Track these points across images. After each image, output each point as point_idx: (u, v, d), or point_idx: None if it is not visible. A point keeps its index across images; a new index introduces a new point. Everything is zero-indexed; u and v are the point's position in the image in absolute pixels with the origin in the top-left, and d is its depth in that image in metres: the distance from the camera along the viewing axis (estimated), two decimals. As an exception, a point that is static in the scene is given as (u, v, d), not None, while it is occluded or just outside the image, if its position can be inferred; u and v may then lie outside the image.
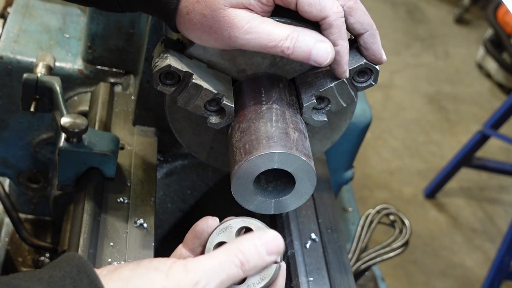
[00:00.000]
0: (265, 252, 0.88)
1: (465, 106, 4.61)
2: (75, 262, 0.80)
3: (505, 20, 4.42)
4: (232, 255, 0.87)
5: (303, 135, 1.06)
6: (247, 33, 0.99)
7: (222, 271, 0.85)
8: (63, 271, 0.79)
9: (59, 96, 1.36)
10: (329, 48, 1.01)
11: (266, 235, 0.89)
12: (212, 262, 0.86)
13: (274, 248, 0.89)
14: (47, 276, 0.78)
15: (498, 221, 3.83)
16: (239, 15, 0.99)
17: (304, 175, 1.02)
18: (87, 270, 0.80)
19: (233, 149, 1.04)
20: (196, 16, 1.01)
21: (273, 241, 0.89)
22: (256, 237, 0.89)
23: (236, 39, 0.99)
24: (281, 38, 0.99)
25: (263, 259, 0.88)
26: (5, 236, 1.68)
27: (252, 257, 0.88)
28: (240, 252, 0.87)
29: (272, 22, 1.01)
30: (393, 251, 1.52)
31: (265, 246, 0.89)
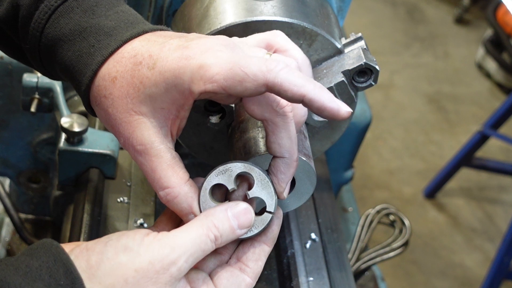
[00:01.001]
0: (236, 226, 0.89)
1: (465, 106, 4.61)
2: (52, 251, 0.79)
3: (505, 20, 4.42)
4: (207, 229, 0.86)
5: (303, 135, 1.06)
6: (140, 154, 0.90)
7: (199, 246, 0.85)
8: (40, 260, 0.78)
9: (59, 96, 1.36)
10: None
11: (238, 208, 0.90)
12: (188, 237, 0.84)
13: (246, 222, 0.90)
14: (23, 265, 0.77)
15: (498, 221, 3.84)
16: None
17: (304, 175, 1.02)
18: (63, 259, 0.79)
19: (233, 149, 1.04)
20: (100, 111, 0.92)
21: (245, 215, 0.90)
22: (228, 209, 0.89)
23: (134, 156, 0.91)
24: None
25: (234, 233, 0.89)
26: (6, 236, 1.68)
27: (225, 231, 0.88)
28: (214, 226, 0.87)
29: (170, 165, 0.93)
30: (393, 251, 1.52)
31: (237, 219, 0.89)
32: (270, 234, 0.95)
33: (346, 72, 1.07)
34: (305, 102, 0.86)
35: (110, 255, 0.81)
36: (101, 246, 0.82)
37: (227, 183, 0.94)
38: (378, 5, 5.22)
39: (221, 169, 0.94)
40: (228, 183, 0.94)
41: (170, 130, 0.93)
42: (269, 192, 0.95)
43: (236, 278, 0.90)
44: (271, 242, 0.95)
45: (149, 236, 0.84)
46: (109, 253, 0.81)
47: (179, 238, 0.84)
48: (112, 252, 0.81)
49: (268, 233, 0.95)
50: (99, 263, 0.80)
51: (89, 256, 0.81)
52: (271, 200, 0.95)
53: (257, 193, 0.95)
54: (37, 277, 0.77)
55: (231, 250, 0.95)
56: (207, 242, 0.85)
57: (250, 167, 0.94)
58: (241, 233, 0.90)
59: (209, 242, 0.86)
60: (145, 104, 0.88)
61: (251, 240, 0.94)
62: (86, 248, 0.82)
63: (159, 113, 0.89)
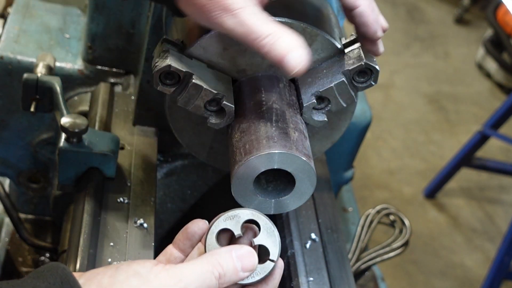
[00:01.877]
0: (240, 268, 0.93)
1: (465, 106, 4.61)
2: (59, 273, 0.81)
3: (505, 20, 4.42)
4: (212, 266, 0.90)
5: (303, 135, 1.06)
6: (234, 19, 0.97)
7: (203, 281, 0.89)
8: (47, 282, 0.79)
9: (59, 96, 1.36)
10: (303, 57, 0.97)
11: (242, 250, 0.94)
12: (194, 271, 0.88)
13: (249, 265, 0.93)
14: (30, 287, 0.78)
15: (498, 221, 3.83)
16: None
17: (304, 175, 1.02)
18: (70, 282, 0.80)
19: (233, 149, 1.04)
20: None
21: (248, 258, 0.94)
22: (233, 251, 0.93)
23: (223, 23, 0.97)
24: (261, 34, 0.97)
25: (237, 274, 0.92)
26: (5, 236, 1.68)
27: (229, 271, 0.91)
28: (219, 265, 0.90)
29: (263, 16, 0.98)
30: (393, 251, 1.52)
31: (241, 261, 0.93)
32: (271, 283, 0.98)
33: (346, 72, 1.07)
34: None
35: (122, 279, 0.84)
36: (112, 270, 0.85)
37: (234, 228, 0.99)
38: (378, 5, 5.20)
39: (230, 215, 0.99)
40: (235, 229, 0.99)
41: None
42: (274, 241, 0.98)
43: None
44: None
45: (158, 266, 0.88)
46: (120, 277, 0.84)
47: (186, 270, 0.88)
48: (124, 276, 0.84)
49: (269, 282, 0.98)
50: (111, 285, 0.83)
51: (101, 279, 0.83)
52: (274, 249, 0.98)
53: (262, 241, 0.98)
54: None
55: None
56: (211, 279, 0.89)
57: (258, 215, 0.99)
58: (244, 276, 0.93)
59: (213, 279, 0.89)
60: None
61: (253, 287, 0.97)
62: (96, 272, 0.85)
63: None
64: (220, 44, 1.07)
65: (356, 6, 1.01)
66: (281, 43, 0.98)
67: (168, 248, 1.01)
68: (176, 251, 1.01)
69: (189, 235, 1.00)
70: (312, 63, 1.11)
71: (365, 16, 1.02)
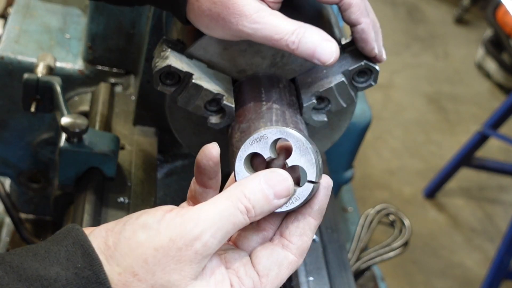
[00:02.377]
0: (272, 195, 0.80)
1: (465, 106, 4.61)
2: (72, 234, 0.77)
3: (505, 20, 4.42)
4: (236, 200, 0.78)
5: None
6: (255, 23, 0.98)
7: (227, 219, 0.77)
8: (59, 244, 0.76)
9: (59, 96, 1.36)
10: (334, 48, 1.00)
11: (273, 175, 0.81)
12: (214, 210, 0.76)
13: (284, 191, 0.81)
14: (43, 251, 0.75)
15: (497, 221, 3.84)
16: (248, 4, 0.98)
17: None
18: (81, 240, 0.75)
19: (233, 149, 1.04)
20: (205, 2, 1.00)
21: (282, 183, 0.81)
22: (262, 178, 0.80)
23: (243, 28, 0.98)
24: (287, 32, 0.98)
25: (271, 203, 0.80)
26: (6, 235, 1.68)
27: (259, 201, 0.79)
28: (244, 197, 0.78)
29: (281, 15, 1.00)
30: (393, 251, 1.52)
31: (272, 189, 0.80)
32: (315, 206, 0.85)
33: (346, 72, 1.07)
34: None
35: (128, 234, 0.76)
36: (119, 226, 0.77)
37: (263, 151, 0.86)
38: (378, 5, 5.22)
39: (256, 137, 0.86)
40: (264, 151, 0.85)
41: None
42: (309, 160, 0.85)
43: (277, 256, 0.82)
44: (317, 214, 0.86)
45: (172, 212, 0.78)
46: (127, 232, 0.76)
47: (204, 212, 0.76)
48: (130, 231, 0.76)
49: (313, 205, 0.85)
50: (117, 243, 0.76)
51: (107, 237, 0.76)
52: (312, 168, 0.84)
53: (296, 161, 0.85)
54: (55, 261, 0.74)
55: (276, 226, 0.86)
56: (236, 214, 0.77)
57: (287, 132, 0.85)
58: (279, 203, 0.81)
59: (239, 214, 0.77)
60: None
61: (295, 214, 0.85)
62: (105, 228, 0.78)
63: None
64: (220, 44, 1.07)
65: (358, 23, 1.02)
66: (308, 37, 0.99)
67: (192, 184, 0.89)
68: (199, 187, 0.88)
69: (201, 169, 0.86)
70: (312, 63, 1.11)
71: (366, 33, 1.03)
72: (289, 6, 1.07)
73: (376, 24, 1.07)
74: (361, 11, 1.02)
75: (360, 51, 1.06)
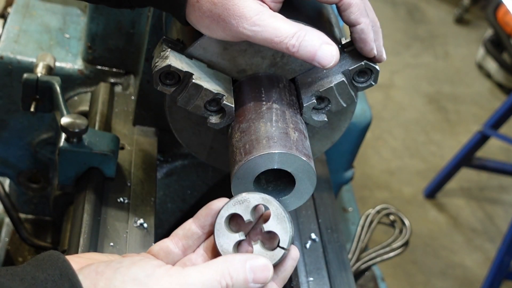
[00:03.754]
0: (251, 279, 0.88)
1: (465, 106, 4.61)
2: (58, 265, 0.79)
3: (505, 20, 4.42)
4: (220, 276, 0.85)
5: (303, 135, 1.06)
6: (255, 25, 0.98)
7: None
8: (46, 273, 0.78)
9: (59, 96, 1.36)
10: (334, 51, 1.00)
11: (258, 263, 0.89)
12: (200, 279, 0.84)
13: (261, 278, 0.89)
14: (29, 277, 0.77)
15: (498, 221, 3.83)
16: (249, 6, 0.98)
17: (304, 175, 1.02)
18: (69, 274, 0.79)
19: (233, 149, 1.04)
20: (206, 3, 1.00)
21: (262, 271, 0.89)
22: (248, 261, 0.88)
23: (243, 30, 0.98)
24: (287, 35, 0.99)
25: (247, 286, 0.88)
26: (5, 236, 1.68)
27: (238, 282, 0.87)
28: (228, 275, 0.86)
29: (281, 18, 1.00)
30: (393, 251, 1.52)
31: (253, 273, 0.88)
32: (281, 274, 0.94)
33: (346, 72, 1.07)
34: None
35: (118, 284, 0.80)
36: (110, 272, 0.82)
37: (244, 213, 0.95)
38: (378, 5, 5.22)
39: (239, 199, 0.95)
40: (245, 214, 0.95)
41: None
42: (284, 228, 0.94)
43: None
44: (281, 281, 0.94)
45: (161, 269, 0.84)
46: (117, 281, 0.80)
47: (192, 279, 0.83)
48: (120, 281, 0.81)
49: (279, 272, 0.94)
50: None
51: (97, 281, 0.80)
52: (285, 235, 0.94)
53: (272, 227, 0.95)
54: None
55: None
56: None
57: (268, 200, 0.95)
58: (254, 287, 0.88)
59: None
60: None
61: None
62: (95, 271, 0.82)
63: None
64: (220, 44, 1.07)
65: (357, 23, 1.02)
66: (309, 40, 0.99)
67: (188, 223, 0.98)
68: (195, 227, 0.97)
69: (212, 211, 0.96)
70: (312, 63, 1.11)
71: (365, 33, 1.03)
72: (289, 6, 1.06)
73: (376, 23, 1.07)
74: (360, 11, 1.02)
75: (360, 50, 1.06)
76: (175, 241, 0.96)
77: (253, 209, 0.96)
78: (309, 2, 1.12)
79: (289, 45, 0.99)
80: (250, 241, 0.97)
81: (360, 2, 1.02)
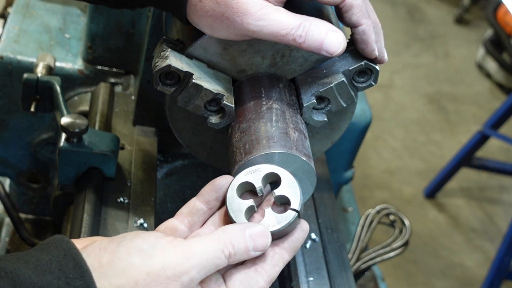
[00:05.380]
0: (251, 247, 0.90)
1: (465, 106, 4.61)
2: (63, 246, 0.80)
3: (505, 20, 4.42)
4: (223, 245, 0.87)
5: (303, 135, 1.06)
6: (260, 20, 0.97)
7: (212, 260, 0.86)
8: (50, 254, 0.79)
9: (59, 96, 1.36)
10: (341, 38, 1.00)
11: (256, 229, 0.90)
12: (204, 249, 0.85)
13: (261, 246, 0.90)
14: (34, 259, 0.78)
15: (498, 221, 3.84)
16: (252, 2, 0.98)
17: (304, 175, 1.02)
18: (73, 253, 0.79)
19: (233, 149, 1.04)
20: (208, 2, 1.00)
21: (261, 238, 0.90)
22: (247, 229, 0.90)
23: (248, 26, 0.98)
24: (293, 27, 0.98)
25: (248, 254, 0.90)
26: (6, 236, 1.68)
27: (240, 250, 0.89)
28: (230, 244, 0.88)
29: (285, 11, 1.00)
30: (393, 251, 1.52)
31: (253, 241, 0.90)
32: (292, 243, 0.95)
33: (346, 72, 1.07)
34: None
35: (123, 256, 0.82)
36: (114, 245, 0.83)
37: (255, 181, 0.96)
38: (378, 5, 5.21)
39: (250, 170, 0.97)
40: (256, 182, 0.96)
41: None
42: (295, 192, 0.95)
43: (249, 280, 0.90)
44: (292, 251, 0.95)
45: (164, 240, 0.85)
46: (121, 254, 0.82)
47: (195, 248, 0.85)
48: (125, 253, 0.82)
49: (290, 241, 0.95)
50: (111, 262, 0.81)
51: (101, 255, 0.81)
52: (296, 199, 0.95)
53: (283, 192, 0.96)
54: (47, 270, 0.77)
55: None
56: (221, 257, 0.87)
57: (279, 169, 0.97)
58: (255, 255, 0.90)
59: (223, 257, 0.87)
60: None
61: (273, 245, 0.94)
62: (99, 247, 0.83)
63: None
64: (220, 44, 1.07)
65: (359, 25, 1.02)
66: (315, 30, 0.99)
67: (192, 201, 0.99)
68: (199, 203, 0.98)
69: (216, 187, 0.98)
70: (312, 63, 1.11)
71: (366, 35, 1.03)
72: (290, 6, 1.06)
73: (378, 25, 1.07)
74: (362, 13, 1.02)
75: (361, 51, 1.06)
76: (180, 219, 0.97)
77: (264, 177, 0.97)
78: (309, 3, 1.12)
79: (296, 36, 0.98)
80: (262, 207, 0.98)
81: (362, 3, 1.02)
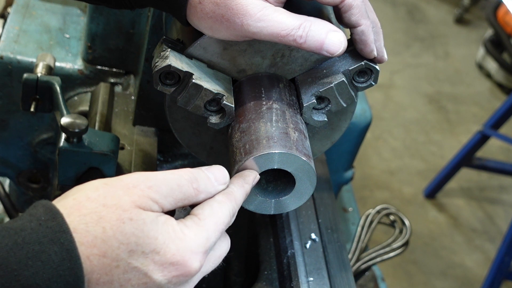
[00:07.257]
0: (213, 179, 0.91)
1: (465, 106, 4.61)
2: (42, 203, 0.81)
3: (505, 20, 4.42)
4: (186, 175, 0.88)
5: (303, 135, 1.06)
6: (260, 21, 0.98)
7: (181, 188, 0.86)
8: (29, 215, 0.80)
9: (59, 96, 1.36)
10: (341, 38, 1.01)
11: (212, 167, 0.93)
12: (168, 174, 0.86)
13: (221, 178, 0.92)
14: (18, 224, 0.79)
15: (498, 221, 3.84)
16: (252, 3, 0.98)
17: (304, 175, 1.02)
18: (42, 203, 0.80)
19: (233, 149, 1.04)
20: (208, 4, 1.00)
21: (219, 171, 0.93)
22: (203, 168, 0.92)
23: (248, 27, 0.98)
24: (293, 27, 0.99)
25: (212, 184, 0.91)
26: (5, 236, 1.68)
27: (203, 180, 0.89)
28: (192, 173, 0.89)
29: (285, 11, 1.00)
30: (393, 251, 1.52)
31: (213, 174, 0.91)
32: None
33: (346, 72, 1.07)
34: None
35: (88, 186, 0.86)
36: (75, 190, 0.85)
37: None
38: (378, 5, 5.22)
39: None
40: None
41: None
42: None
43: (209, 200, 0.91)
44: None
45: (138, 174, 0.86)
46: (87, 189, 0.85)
47: (160, 174, 0.86)
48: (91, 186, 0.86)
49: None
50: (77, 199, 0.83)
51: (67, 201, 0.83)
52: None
53: None
54: (18, 219, 0.79)
55: None
56: (188, 186, 0.87)
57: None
58: (220, 188, 0.92)
59: (190, 186, 0.87)
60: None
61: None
62: (66, 195, 0.85)
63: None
64: (220, 44, 1.07)
65: (358, 25, 1.02)
66: (315, 30, 0.99)
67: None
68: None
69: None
70: (312, 63, 1.11)
71: (365, 35, 1.03)
72: (290, 6, 1.06)
73: (377, 24, 1.07)
74: (361, 13, 1.02)
75: (360, 51, 1.06)
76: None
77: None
78: (309, 3, 1.12)
79: (296, 36, 0.99)
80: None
81: (361, 4, 1.02)
